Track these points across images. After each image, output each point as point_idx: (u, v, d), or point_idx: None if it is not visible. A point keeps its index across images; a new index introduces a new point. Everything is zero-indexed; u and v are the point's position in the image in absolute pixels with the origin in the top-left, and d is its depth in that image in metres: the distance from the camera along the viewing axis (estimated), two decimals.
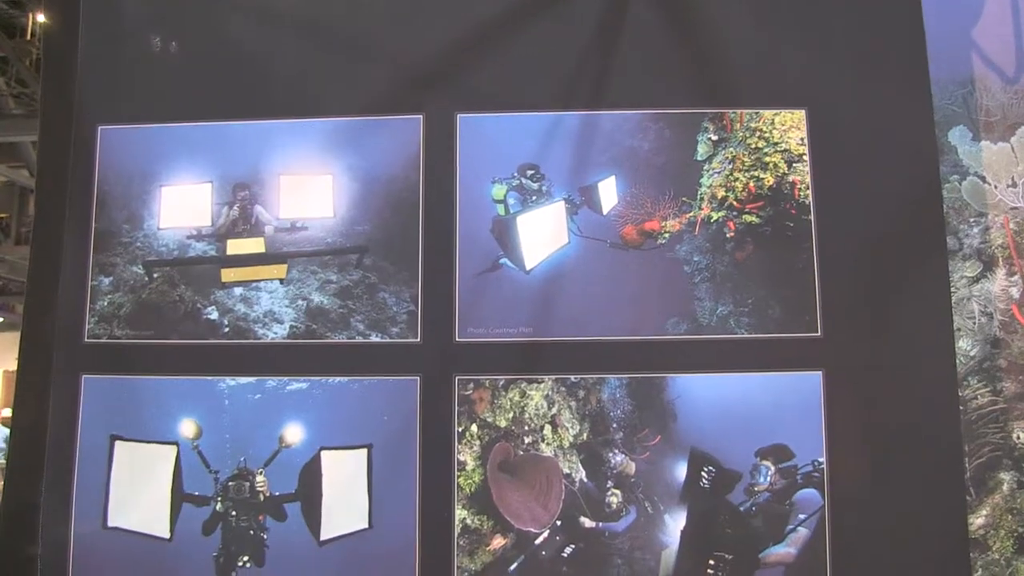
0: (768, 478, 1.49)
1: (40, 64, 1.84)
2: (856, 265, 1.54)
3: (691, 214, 1.55)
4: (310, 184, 1.60)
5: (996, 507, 1.50)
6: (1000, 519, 1.50)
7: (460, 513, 1.50)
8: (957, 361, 1.51)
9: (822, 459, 1.48)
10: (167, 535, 1.57)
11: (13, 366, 1.65)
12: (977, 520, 1.49)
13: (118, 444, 1.60)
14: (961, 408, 1.50)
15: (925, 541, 1.46)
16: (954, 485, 1.48)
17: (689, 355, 1.52)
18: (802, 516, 1.48)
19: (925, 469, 1.48)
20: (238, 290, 1.59)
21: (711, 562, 1.48)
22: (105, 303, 1.62)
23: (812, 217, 1.53)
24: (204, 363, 1.59)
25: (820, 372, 1.49)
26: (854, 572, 1.46)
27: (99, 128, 1.65)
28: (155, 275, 1.61)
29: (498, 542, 1.49)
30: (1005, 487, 1.51)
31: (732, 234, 1.54)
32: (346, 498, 1.53)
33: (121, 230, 1.63)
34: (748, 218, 1.54)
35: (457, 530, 1.50)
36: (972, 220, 1.58)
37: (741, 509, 1.49)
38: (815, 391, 1.49)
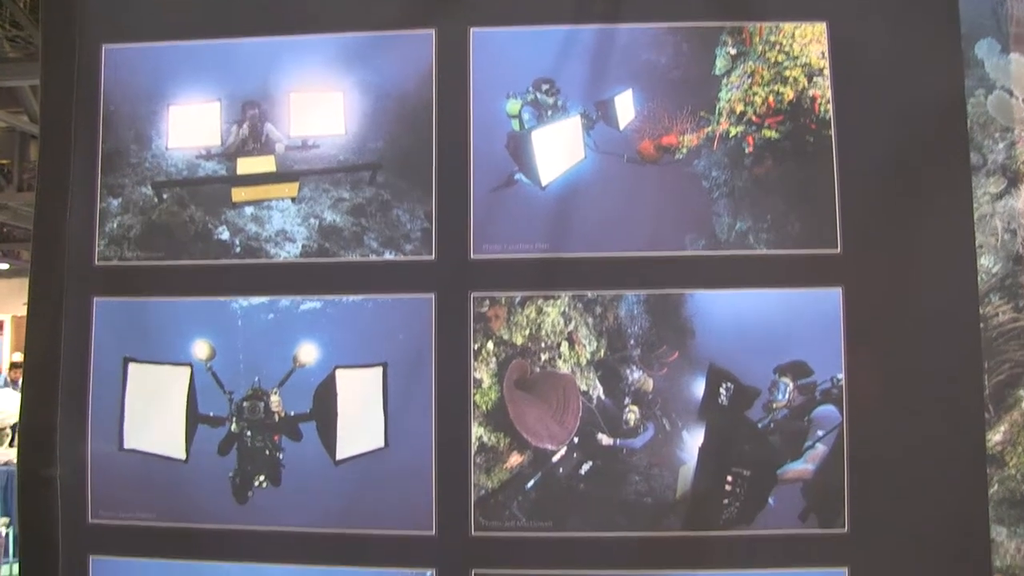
0: (787, 395, 1.48)
1: (35, 5, 1.80)
2: (877, 181, 1.51)
3: (709, 129, 1.52)
4: (321, 101, 1.57)
5: (1014, 424, 1.49)
6: (1018, 435, 1.49)
7: (476, 431, 1.49)
8: (979, 278, 1.48)
9: (841, 376, 1.46)
10: (183, 456, 1.56)
11: (21, 312, 1.63)
12: (995, 437, 1.47)
13: (131, 366, 1.58)
14: (982, 325, 1.47)
15: (943, 457, 1.46)
16: (973, 402, 1.47)
17: (707, 271, 1.50)
18: (820, 433, 1.47)
19: (944, 386, 1.47)
20: (249, 209, 1.57)
21: (729, 478, 1.47)
22: (114, 225, 1.59)
23: (832, 132, 1.50)
24: (216, 284, 1.57)
25: (839, 288, 1.47)
26: (871, 488, 1.45)
27: (103, 47, 1.61)
28: (165, 196, 1.59)
29: (515, 460, 1.48)
30: None
31: (751, 149, 1.51)
32: (362, 417, 1.52)
33: (129, 151, 1.61)
34: (767, 133, 1.51)
35: (473, 448, 1.49)
36: (997, 135, 1.54)
37: (759, 426, 1.48)
38: (834, 307, 1.47)
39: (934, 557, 1.44)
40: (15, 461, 1.68)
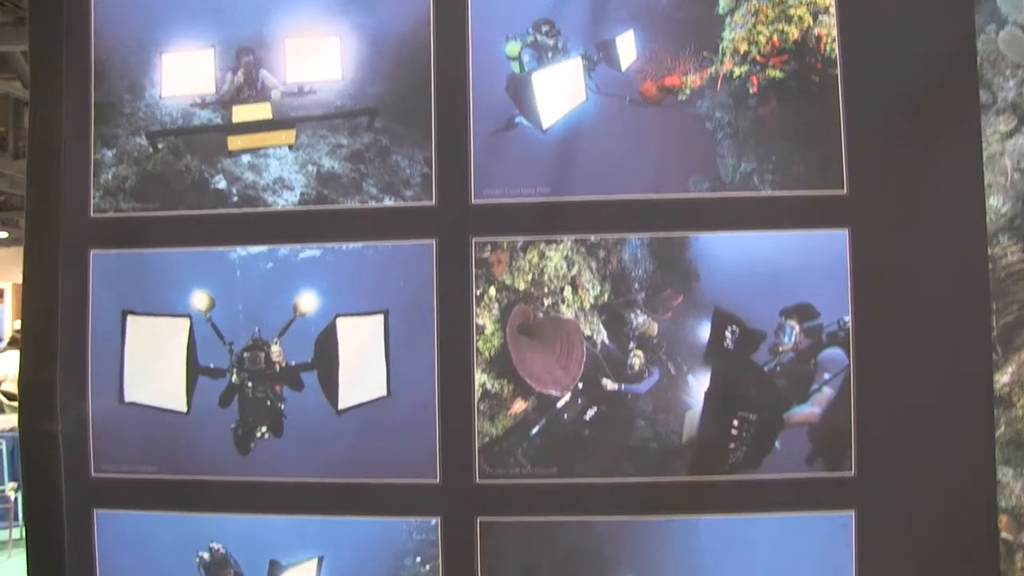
0: (793, 337, 1.46)
1: None
2: (884, 120, 1.48)
3: (712, 69, 1.49)
4: (316, 46, 1.54)
5: (1022, 365, 1.47)
6: None
7: (480, 377, 1.47)
8: (987, 218, 1.46)
9: (847, 318, 1.45)
10: (184, 408, 1.55)
11: (20, 280, 1.61)
12: (1002, 378, 1.46)
13: (130, 319, 1.57)
14: (990, 266, 1.45)
15: (950, 399, 1.44)
16: (980, 343, 1.45)
17: (712, 213, 1.48)
18: (827, 376, 1.46)
19: (952, 327, 1.45)
20: (246, 158, 1.54)
21: (735, 423, 1.46)
22: (109, 176, 1.57)
23: (838, 71, 1.47)
24: (214, 233, 1.55)
25: (846, 230, 1.45)
26: (878, 431, 1.44)
27: None
28: (159, 145, 1.56)
29: (519, 406, 1.47)
30: None
31: (755, 89, 1.48)
32: (363, 366, 1.50)
33: (122, 100, 1.58)
34: (772, 73, 1.48)
35: (477, 395, 1.48)
36: (1008, 72, 1.51)
37: (765, 369, 1.47)
38: (841, 249, 1.45)
39: (941, 499, 1.43)
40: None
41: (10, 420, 4.54)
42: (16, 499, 3.84)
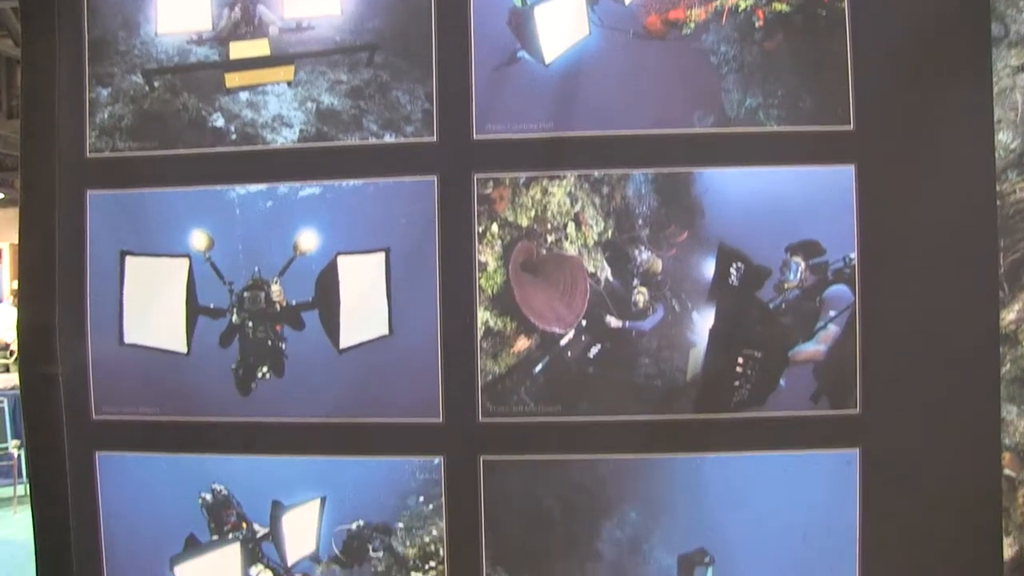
0: (798, 274, 1.45)
1: None
2: (892, 54, 1.46)
3: (718, 2, 1.46)
4: None
5: None
6: None
7: (482, 315, 1.46)
8: (996, 154, 1.44)
9: (853, 255, 1.43)
10: (184, 349, 1.54)
11: (17, 239, 1.59)
12: (1008, 316, 1.45)
13: (128, 259, 1.55)
14: (998, 203, 1.43)
15: (956, 335, 1.43)
16: (988, 280, 1.43)
17: (716, 149, 1.46)
18: (832, 313, 1.45)
19: (958, 265, 1.44)
20: (244, 95, 1.52)
21: (740, 360, 1.45)
22: (105, 115, 1.55)
23: (846, 4, 1.44)
24: (212, 172, 1.53)
25: (852, 166, 1.43)
26: (883, 368, 1.43)
27: None
28: (156, 84, 1.54)
29: (522, 344, 1.46)
30: None
31: (760, 23, 1.45)
32: (365, 304, 1.49)
33: (117, 38, 1.55)
34: (777, 6, 1.45)
35: (480, 333, 1.46)
36: (1021, 4, 1.48)
37: (770, 306, 1.46)
38: (847, 185, 1.44)
39: (945, 435, 1.43)
40: None
41: (11, 379, 4.54)
42: (19, 456, 3.84)
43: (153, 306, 1.54)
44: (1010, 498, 1.44)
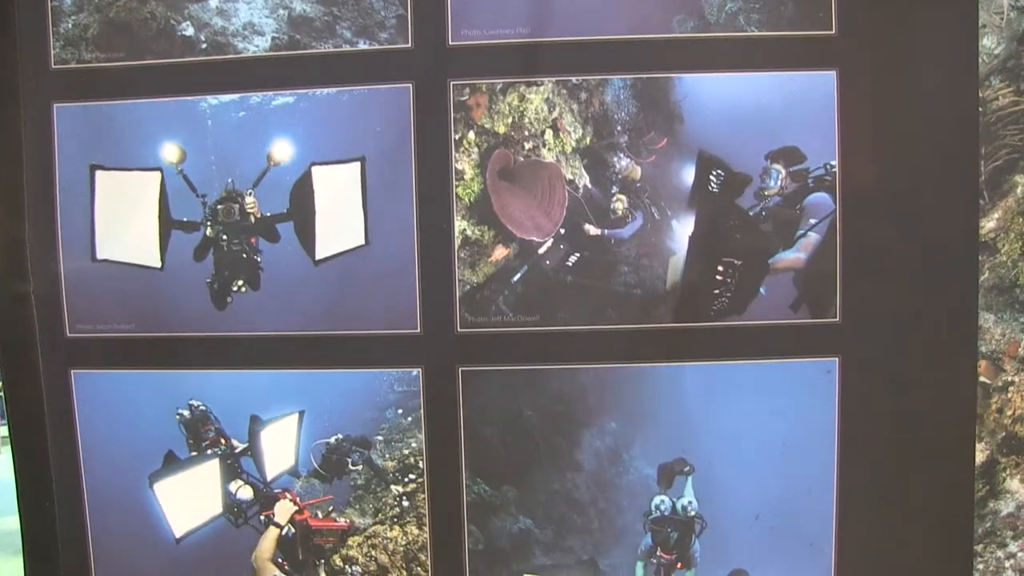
0: (778, 181, 1.43)
1: None
2: None
3: None
4: None
5: (1008, 210, 1.45)
6: (1011, 222, 1.45)
7: (459, 224, 1.44)
8: (980, 60, 1.42)
9: (834, 162, 1.41)
10: (158, 264, 1.51)
11: None
12: (988, 224, 1.44)
13: (99, 174, 1.52)
14: (980, 109, 1.41)
15: (935, 245, 1.43)
16: (968, 188, 1.42)
17: (696, 54, 1.43)
18: (812, 221, 1.43)
19: (939, 172, 1.42)
20: (214, 2, 1.48)
21: (719, 268, 1.44)
22: (69, 25, 1.50)
23: None
24: (182, 82, 1.49)
25: (834, 71, 1.41)
26: (863, 277, 1.42)
27: None
28: None
29: (500, 253, 1.44)
30: (1019, 190, 1.45)
31: None
32: (340, 215, 1.47)
33: None
34: None
35: (457, 242, 1.44)
36: None
37: (751, 214, 1.44)
38: (828, 91, 1.42)
39: (924, 343, 1.43)
40: None
41: None
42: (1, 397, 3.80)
43: (125, 221, 1.51)
44: (984, 405, 1.44)
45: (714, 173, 1.43)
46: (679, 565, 1.48)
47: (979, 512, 1.45)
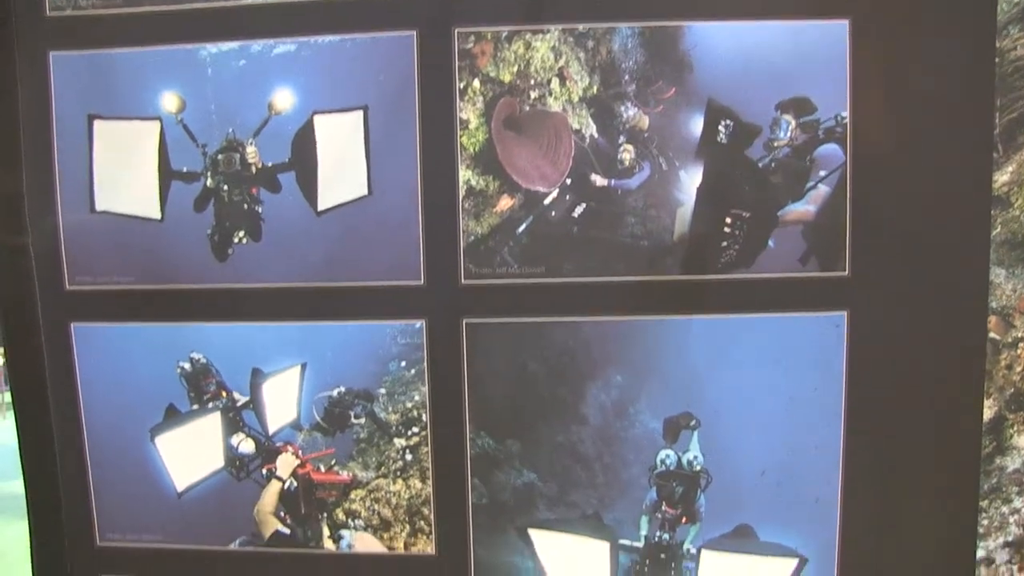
0: (788, 132, 1.41)
1: None
2: None
3: None
4: None
5: (1023, 164, 1.42)
6: None
7: (464, 174, 1.42)
8: (998, 7, 1.38)
9: (845, 113, 1.39)
10: (158, 216, 1.49)
11: None
12: (1002, 177, 1.41)
13: (97, 123, 1.49)
14: (997, 60, 1.38)
15: (947, 199, 1.40)
16: (982, 141, 1.39)
17: (707, 1, 1.40)
18: (823, 173, 1.41)
19: (953, 124, 1.40)
20: None
21: (728, 220, 1.42)
22: None
23: None
24: (182, 30, 1.46)
25: (847, 20, 1.37)
26: (873, 230, 1.40)
27: None
28: None
29: (505, 203, 1.42)
30: None
31: None
32: (343, 164, 1.44)
33: None
34: None
35: (461, 192, 1.42)
36: None
37: (760, 165, 1.42)
38: (840, 41, 1.38)
39: (933, 298, 1.40)
40: None
41: None
42: (4, 364, 3.80)
43: (124, 172, 1.49)
44: (993, 361, 1.43)
45: (723, 123, 1.40)
46: (684, 520, 1.47)
47: (985, 468, 1.44)
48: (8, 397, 1.59)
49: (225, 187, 1.46)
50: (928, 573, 1.45)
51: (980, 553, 1.46)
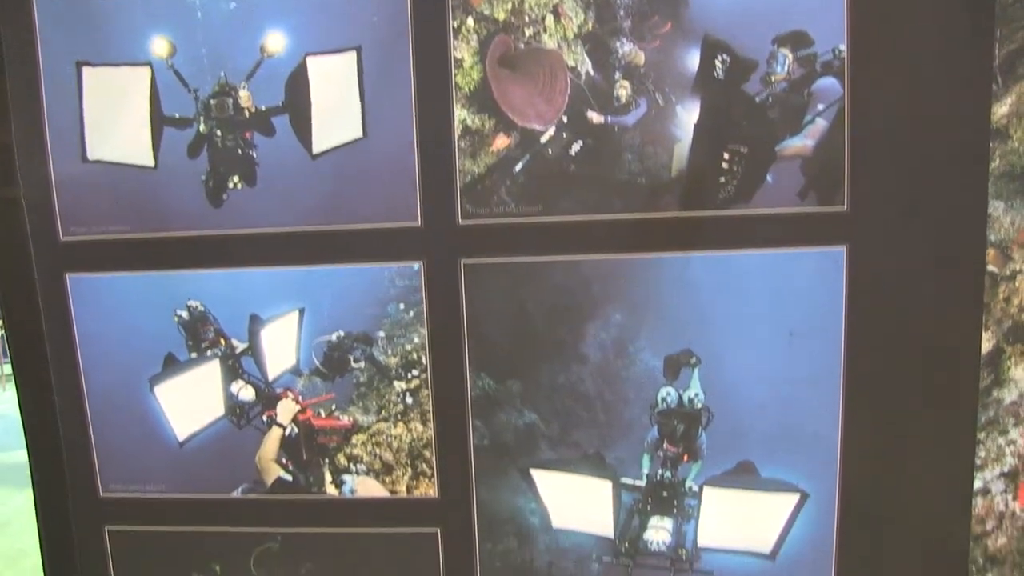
0: (786, 67, 1.39)
1: None
2: None
3: None
4: None
5: (1022, 95, 1.40)
6: None
7: (459, 113, 1.40)
8: None
9: (843, 46, 1.37)
10: (151, 163, 1.48)
11: None
12: (1001, 109, 1.40)
13: (86, 71, 1.47)
14: None
15: (946, 130, 1.39)
16: (981, 73, 1.38)
17: None
18: (820, 107, 1.40)
19: (951, 56, 1.38)
20: None
21: (725, 156, 1.41)
22: None
23: None
24: None
25: None
26: (872, 165, 1.39)
27: None
28: None
29: (501, 142, 1.41)
30: None
31: None
32: (337, 106, 1.43)
33: None
34: None
35: (457, 132, 1.41)
36: None
37: (757, 100, 1.40)
38: None
39: (932, 232, 1.40)
40: None
41: None
42: (4, 335, 3.77)
43: (116, 119, 1.47)
44: (991, 294, 1.43)
45: (720, 58, 1.39)
46: (685, 457, 1.47)
47: (983, 401, 1.45)
48: (9, 369, 1.58)
49: (218, 132, 1.45)
50: (927, 505, 1.46)
51: (977, 484, 1.47)
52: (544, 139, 1.41)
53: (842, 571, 1.47)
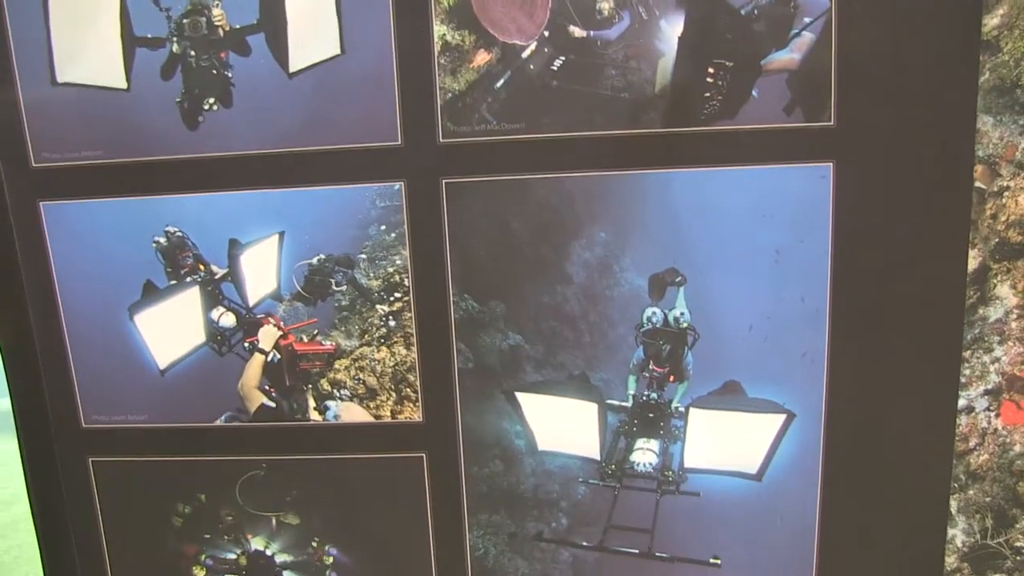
0: None
1: None
2: None
3: None
4: None
5: (1014, 5, 1.38)
6: (1017, 18, 1.39)
7: (439, 29, 1.37)
8: None
9: None
10: (124, 85, 1.44)
11: None
12: (992, 21, 1.37)
13: None
14: None
15: (934, 43, 1.36)
16: None
17: None
18: (807, 19, 1.37)
19: None
20: None
21: (710, 70, 1.38)
22: None
23: None
24: None
25: None
26: (859, 80, 1.37)
27: None
28: None
29: (482, 58, 1.37)
30: None
31: None
32: (314, 23, 1.39)
33: None
34: None
35: (437, 48, 1.37)
36: None
37: (742, 12, 1.37)
38: None
39: (920, 146, 1.38)
40: None
41: None
42: None
43: (85, 40, 1.43)
44: (979, 211, 1.41)
45: None
46: (671, 378, 1.46)
47: (968, 319, 1.44)
48: None
49: (192, 52, 1.41)
50: (912, 423, 1.46)
51: (961, 402, 1.47)
52: (526, 55, 1.38)
53: (828, 491, 1.48)
